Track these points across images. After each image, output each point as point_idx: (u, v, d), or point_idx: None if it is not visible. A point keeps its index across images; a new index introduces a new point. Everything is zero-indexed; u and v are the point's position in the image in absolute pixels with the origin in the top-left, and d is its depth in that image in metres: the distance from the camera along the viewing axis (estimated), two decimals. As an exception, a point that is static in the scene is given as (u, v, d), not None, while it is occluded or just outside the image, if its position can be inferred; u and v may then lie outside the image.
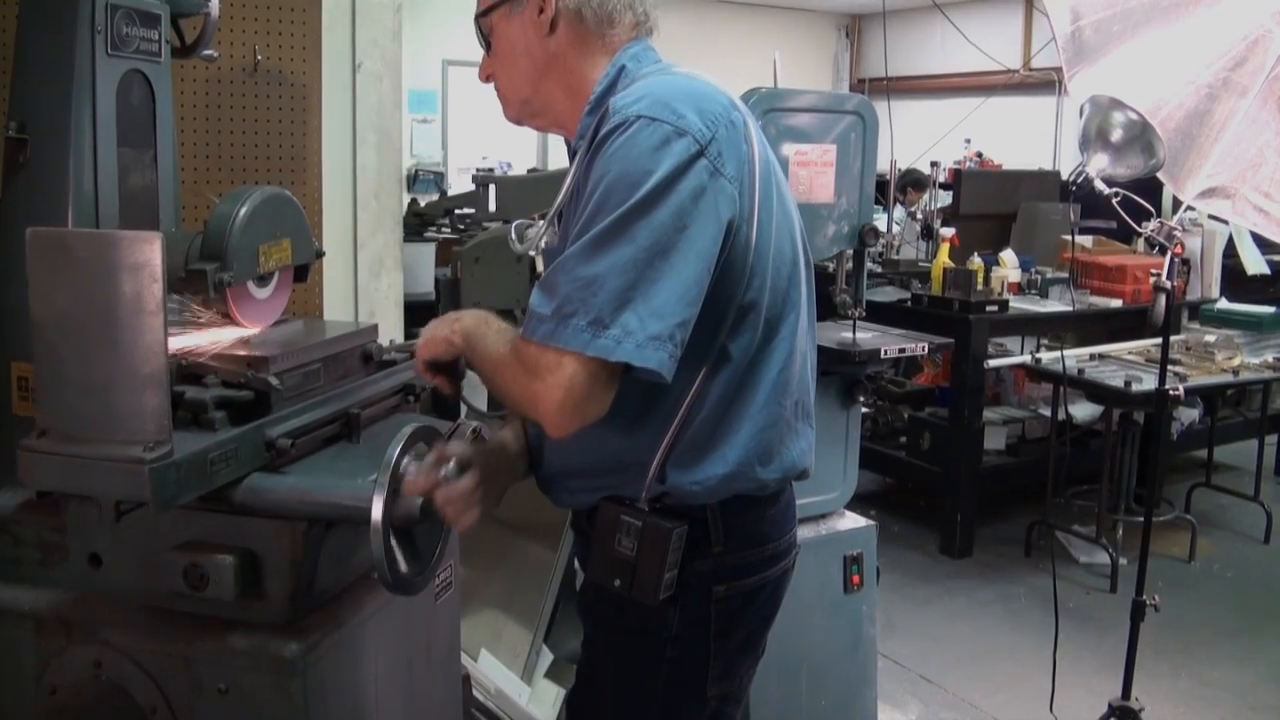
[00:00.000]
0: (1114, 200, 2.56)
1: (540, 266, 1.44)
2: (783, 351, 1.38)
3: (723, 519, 1.38)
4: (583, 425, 1.22)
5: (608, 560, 1.35)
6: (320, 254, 1.87)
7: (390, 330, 3.08)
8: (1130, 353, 4.81)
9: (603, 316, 1.17)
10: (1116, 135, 2.52)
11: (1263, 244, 5.47)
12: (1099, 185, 2.56)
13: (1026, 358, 4.82)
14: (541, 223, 1.41)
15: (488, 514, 1.38)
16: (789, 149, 2.59)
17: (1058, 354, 4.60)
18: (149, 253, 1.22)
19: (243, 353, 1.60)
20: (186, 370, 1.54)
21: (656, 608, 1.35)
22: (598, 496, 1.39)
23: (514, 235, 1.47)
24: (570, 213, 1.30)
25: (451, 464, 1.33)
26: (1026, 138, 9.27)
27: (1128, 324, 5.06)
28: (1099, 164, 2.56)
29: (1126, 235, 5.46)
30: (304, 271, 1.83)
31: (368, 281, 3.09)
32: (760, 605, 1.46)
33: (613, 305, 1.17)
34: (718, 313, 1.29)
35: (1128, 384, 4.24)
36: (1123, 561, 4.48)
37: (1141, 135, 2.50)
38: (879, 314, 3.76)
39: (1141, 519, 3.87)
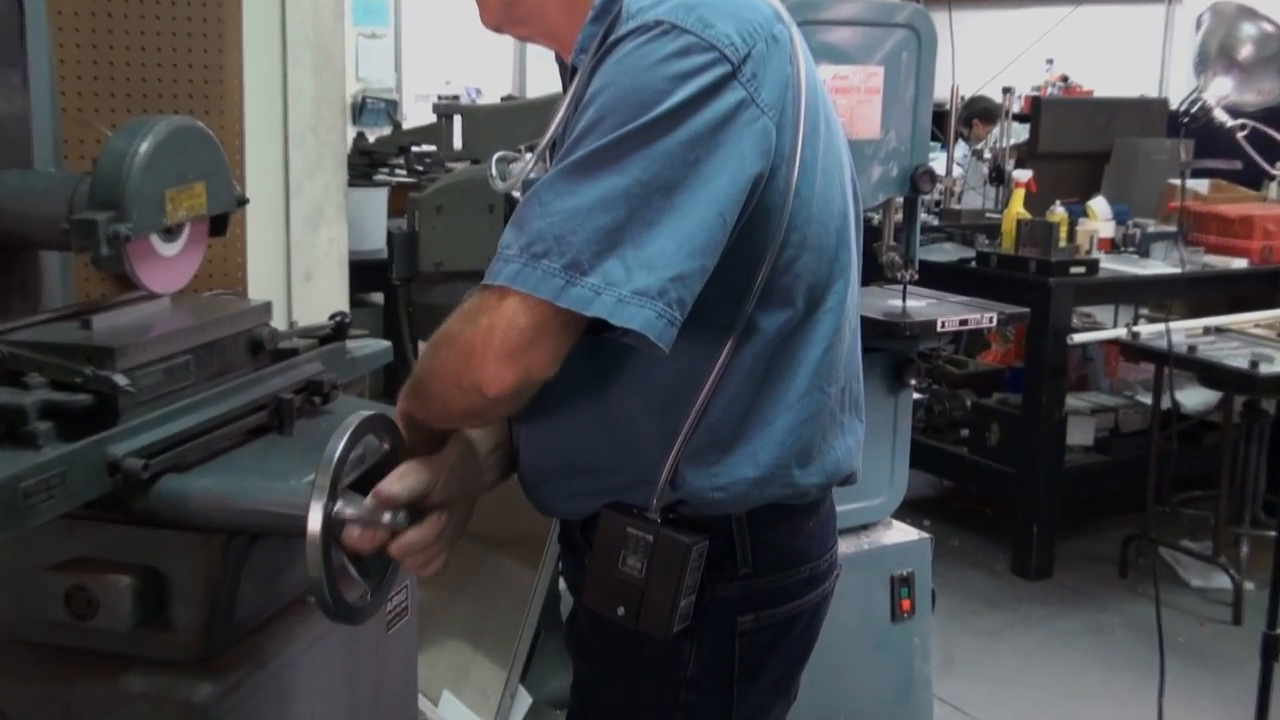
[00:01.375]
0: (1239, 134, 2.53)
1: None
2: (828, 326, 1.39)
3: (751, 533, 1.39)
4: (525, 381, 1.21)
5: (609, 583, 1.36)
6: (243, 201, 1.87)
7: (333, 297, 3.09)
8: (1257, 325, 4.80)
9: (581, 259, 1.17)
10: (1245, 52, 2.49)
11: None
12: (1220, 116, 2.54)
13: (1122, 331, 4.81)
14: (529, 156, 1.40)
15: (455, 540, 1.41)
16: (825, 71, 2.58)
17: (1162, 327, 4.59)
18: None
19: (81, 341, 1.53)
20: (3, 365, 1.48)
21: (668, 643, 1.36)
22: (596, 503, 1.40)
23: (494, 171, 1.45)
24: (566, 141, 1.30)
25: (399, 515, 1.34)
26: (1125, 57, 9.23)
27: (1254, 290, 5.06)
28: (1220, 89, 2.53)
29: (1255, 178, 5.43)
30: (222, 223, 1.82)
31: (303, 236, 3.09)
32: (794, 639, 1.47)
33: (595, 247, 1.17)
34: (745, 275, 1.30)
35: (1254, 364, 4.23)
36: (1248, 586, 4.49)
37: (1279, 53, 2.45)
38: (935, 277, 3.74)
39: (1273, 533, 3.86)
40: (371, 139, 5.68)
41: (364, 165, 5.24)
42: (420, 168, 5.15)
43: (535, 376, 1.22)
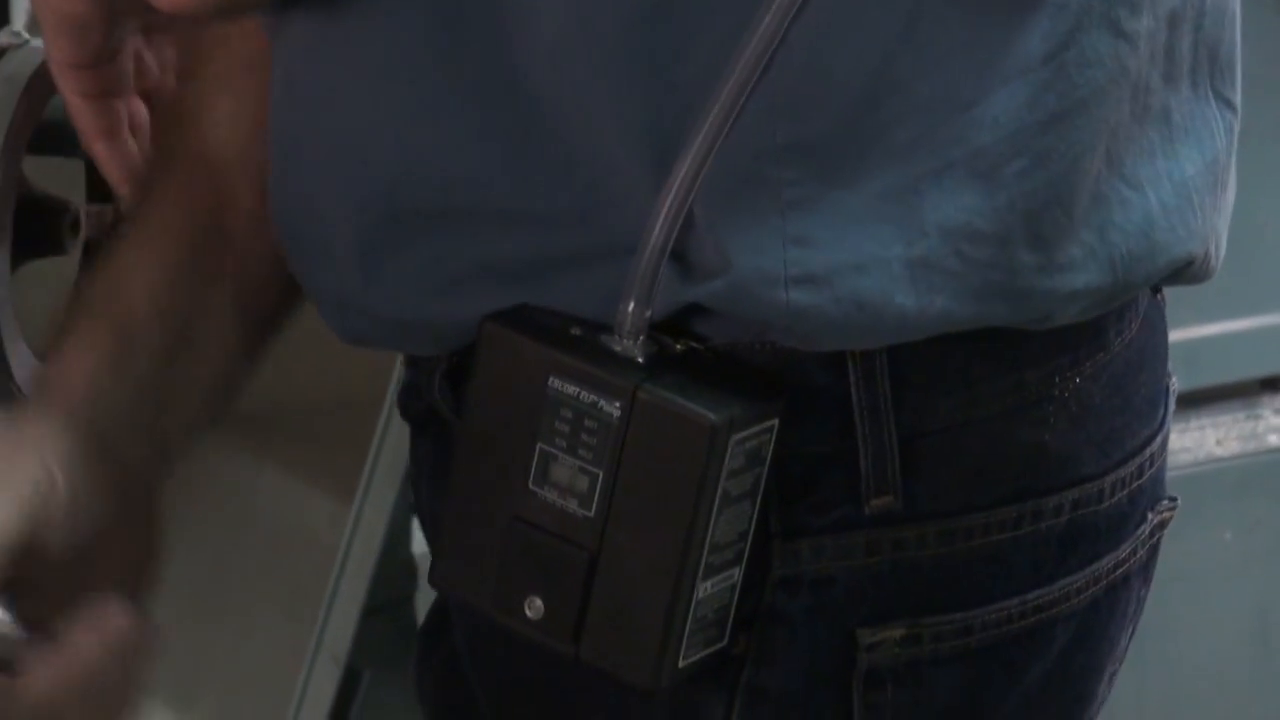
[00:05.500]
0: None
1: None
2: None
3: (901, 400, 0.86)
4: None
5: (498, 531, 0.85)
6: None
7: None
8: None
9: None
10: None
11: None
12: None
13: None
14: None
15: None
16: None
17: None
18: None
19: None
20: None
21: (669, 707, 0.86)
22: (473, 305, 0.87)
23: None
24: None
25: None
26: None
27: None
28: None
29: None
30: None
31: None
32: (1047, 687, 0.94)
33: None
34: None
35: None
36: None
37: None
38: None
39: None
40: None
41: None
42: None
43: None
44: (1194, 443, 1.99)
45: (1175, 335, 0.94)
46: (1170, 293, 0.93)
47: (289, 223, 0.87)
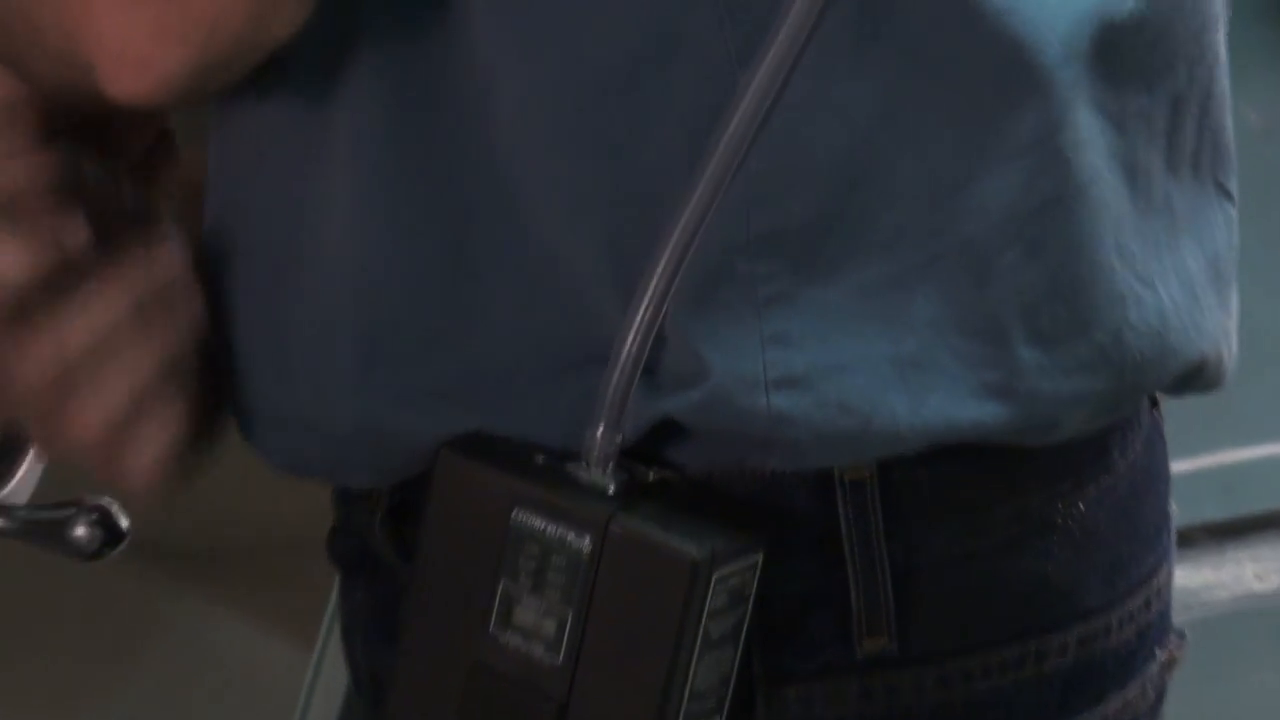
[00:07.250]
0: None
1: None
2: None
3: (887, 534, 0.82)
4: (205, 66, 0.73)
5: (453, 678, 0.81)
6: None
7: None
8: None
9: None
10: None
11: None
12: None
13: None
14: None
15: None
16: None
17: None
18: None
19: None
20: None
21: None
22: (436, 430, 0.83)
23: None
24: None
25: None
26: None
27: None
28: None
29: None
30: None
31: None
32: None
33: None
34: None
35: None
36: None
37: None
38: None
39: None
40: None
41: None
42: None
43: (238, 48, 0.73)
44: (1231, 577, 1.94)
45: (1209, 461, 0.90)
46: (1204, 415, 0.88)
47: (244, 339, 0.84)
